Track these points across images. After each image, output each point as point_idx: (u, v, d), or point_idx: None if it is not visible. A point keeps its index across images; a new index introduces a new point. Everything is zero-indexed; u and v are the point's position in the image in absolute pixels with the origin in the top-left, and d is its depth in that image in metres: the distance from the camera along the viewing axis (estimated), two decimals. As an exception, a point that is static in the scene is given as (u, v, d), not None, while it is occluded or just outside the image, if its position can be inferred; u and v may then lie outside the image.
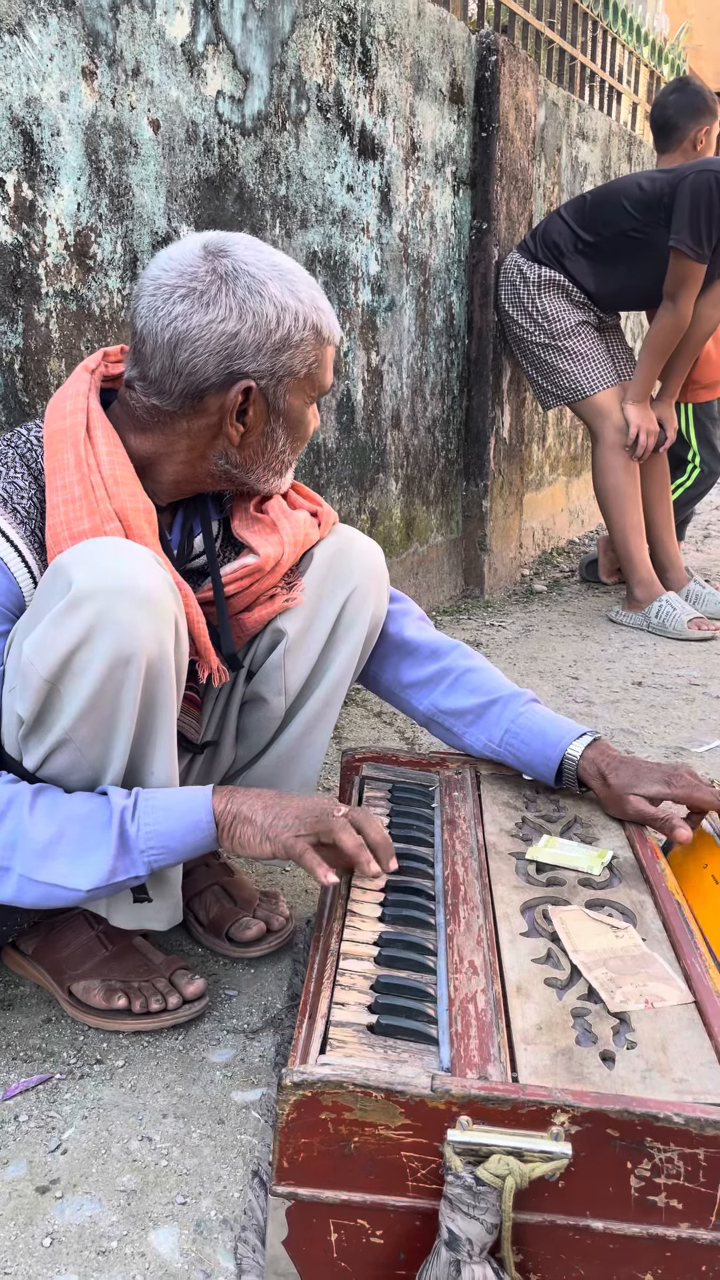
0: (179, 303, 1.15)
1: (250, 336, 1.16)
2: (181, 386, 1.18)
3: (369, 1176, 0.86)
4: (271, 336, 1.17)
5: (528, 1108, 0.84)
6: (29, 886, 1.12)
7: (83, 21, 1.73)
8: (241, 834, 1.15)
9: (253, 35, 2.15)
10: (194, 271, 1.16)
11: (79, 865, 1.11)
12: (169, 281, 1.16)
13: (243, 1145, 1.13)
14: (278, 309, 1.16)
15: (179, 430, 1.21)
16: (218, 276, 1.15)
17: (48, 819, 1.11)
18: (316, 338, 1.20)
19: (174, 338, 1.15)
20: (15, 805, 1.11)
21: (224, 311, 1.15)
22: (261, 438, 1.23)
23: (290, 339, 1.18)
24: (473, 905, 1.17)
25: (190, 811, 1.14)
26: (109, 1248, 1.00)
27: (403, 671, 1.46)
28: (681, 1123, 0.83)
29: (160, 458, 1.23)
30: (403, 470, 3.02)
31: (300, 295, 1.18)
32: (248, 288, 1.15)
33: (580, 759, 1.38)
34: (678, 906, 1.17)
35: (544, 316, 3.16)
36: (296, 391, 1.22)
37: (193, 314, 1.15)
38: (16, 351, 1.67)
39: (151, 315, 1.16)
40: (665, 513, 3.40)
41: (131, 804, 1.13)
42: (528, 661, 2.86)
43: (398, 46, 2.73)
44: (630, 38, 5.19)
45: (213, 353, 1.16)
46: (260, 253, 1.18)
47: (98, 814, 1.12)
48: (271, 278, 1.17)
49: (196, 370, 1.17)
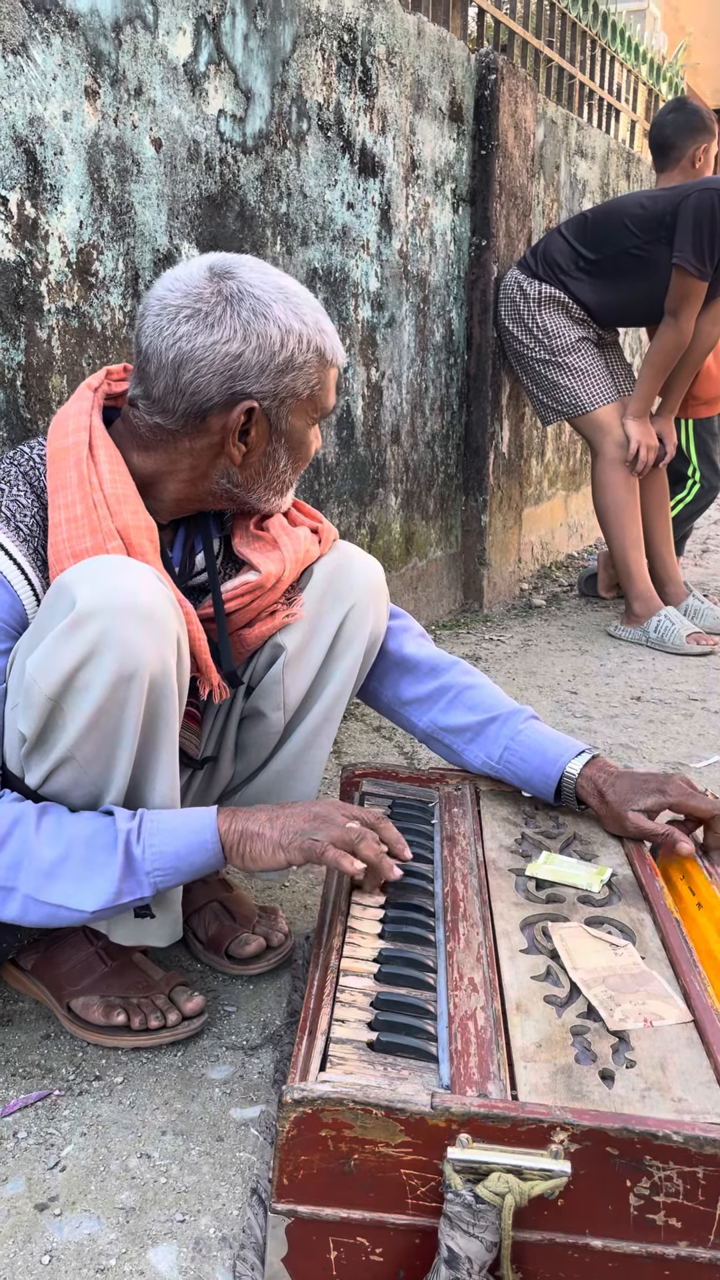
0: (184, 323, 1.16)
1: (254, 358, 1.17)
2: (185, 406, 1.18)
3: (369, 1194, 0.86)
4: (275, 358, 1.17)
5: (527, 1125, 0.84)
6: (34, 907, 1.12)
7: (86, 42, 1.74)
8: (252, 849, 1.16)
9: (254, 55, 2.17)
10: (199, 292, 1.17)
11: (84, 887, 1.11)
12: (174, 302, 1.17)
13: (241, 1163, 1.12)
14: (282, 331, 1.17)
15: (181, 449, 1.22)
16: (223, 298, 1.16)
17: (53, 839, 1.12)
18: (320, 360, 1.21)
19: (178, 357, 1.16)
20: (21, 825, 1.12)
21: (228, 333, 1.16)
22: (263, 458, 1.24)
23: (294, 361, 1.19)
24: (472, 922, 1.17)
25: (196, 832, 1.14)
26: (108, 1265, 1.00)
27: (402, 688, 1.47)
28: (681, 1141, 0.83)
29: (162, 476, 1.24)
30: (402, 485, 3.03)
31: (304, 318, 1.19)
32: (252, 309, 1.16)
33: (579, 777, 1.38)
34: (676, 924, 1.17)
35: (544, 332, 3.17)
36: (299, 412, 1.23)
37: (197, 334, 1.16)
38: (19, 368, 1.68)
39: (156, 335, 1.17)
40: (664, 528, 3.41)
41: (137, 826, 1.13)
42: (526, 676, 2.86)
43: (398, 65, 2.75)
44: (629, 56, 5.23)
45: (216, 373, 1.17)
46: (266, 275, 1.19)
47: (103, 835, 1.12)
48: (276, 300, 1.18)
49: (200, 390, 1.17)
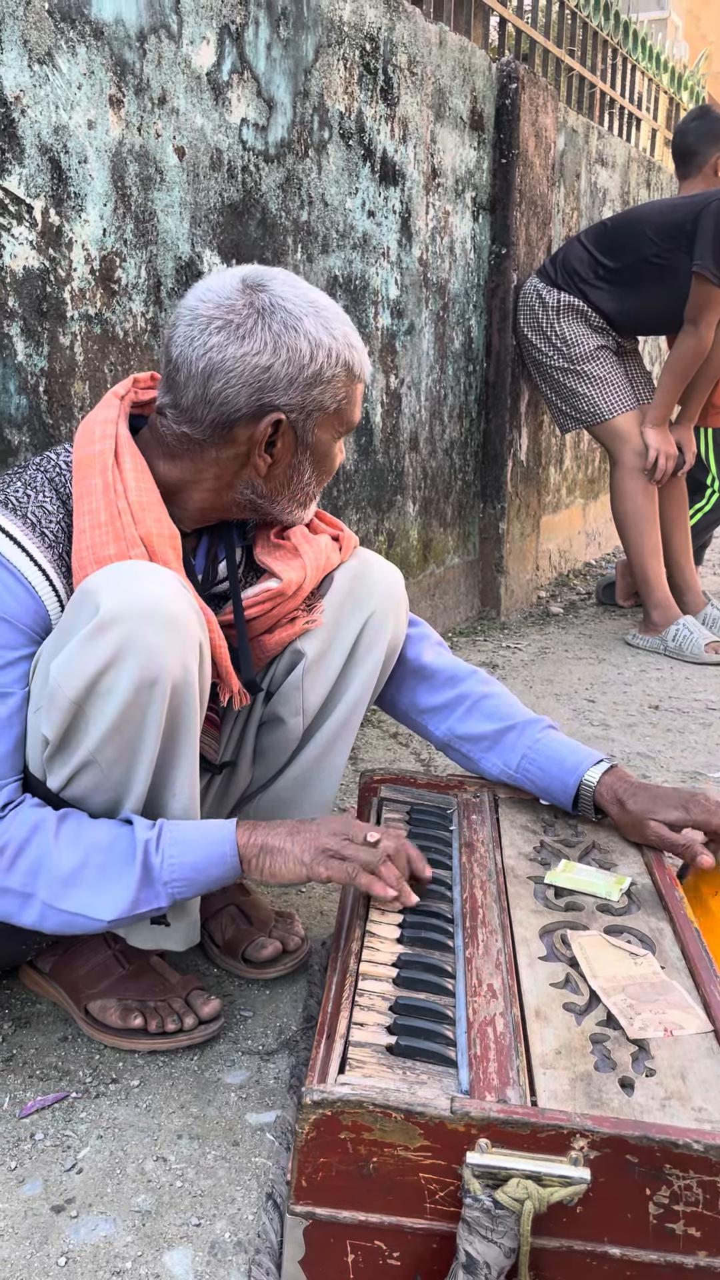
0: (215, 334, 1.16)
1: (283, 370, 1.17)
2: (212, 416, 1.19)
3: (387, 1197, 0.86)
4: (304, 371, 1.18)
5: (547, 1132, 0.84)
6: (52, 914, 1.13)
7: (110, 51, 1.75)
8: (272, 864, 1.16)
9: (277, 64, 2.18)
10: (231, 304, 1.17)
11: (102, 895, 1.12)
12: (206, 312, 1.17)
13: (257, 1167, 1.13)
14: (311, 345, 1.18)
15: (207, 459, 1.22)
16: (254, 310, 1.17)
17: (72, 846, 1.12)
18: (348, 374, 1.22)
19: (208, 368, 1.17)
20: (40, 831, 1.12)
21: (259, 345, 1.16)
22: (288, 469, 1.25)
23: (322, 375, 1.19)
24: (491, 929, 1.17)
25: (215, 845, 1.15)
26: (123, 1268, 1.00)
27: (420, 696, 1.47)
28: (701, 1150, 0.83)
29: (187, 485, 1.24)
30: (420, 492, 3.04)
31: (334, 332, 1.20)
32: (283, 323, 1.17)
33: (598, 785, 1.38)
34: (696, 934, 1.17)
35: (563, 341, 3.17)
36: (325, 426, 1.23)
37: (228, 345, 1.16)
38: (42, 374, 1.69)
39: (187, 345, 1.18)
40: (683, 536, 3.40)
41: (155, 836, 1.14)
42: (544, 684, 2.86)
43: (419, 75, 2.76)
44: (650, 65, 5.23)
45: (245, 384, 1.17)
46: (297, 289, 1.20)
47: (121, 844, 1.13)
48: (307, 314, 1.18)
49: (228, 401, 1.18)
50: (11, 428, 1.64)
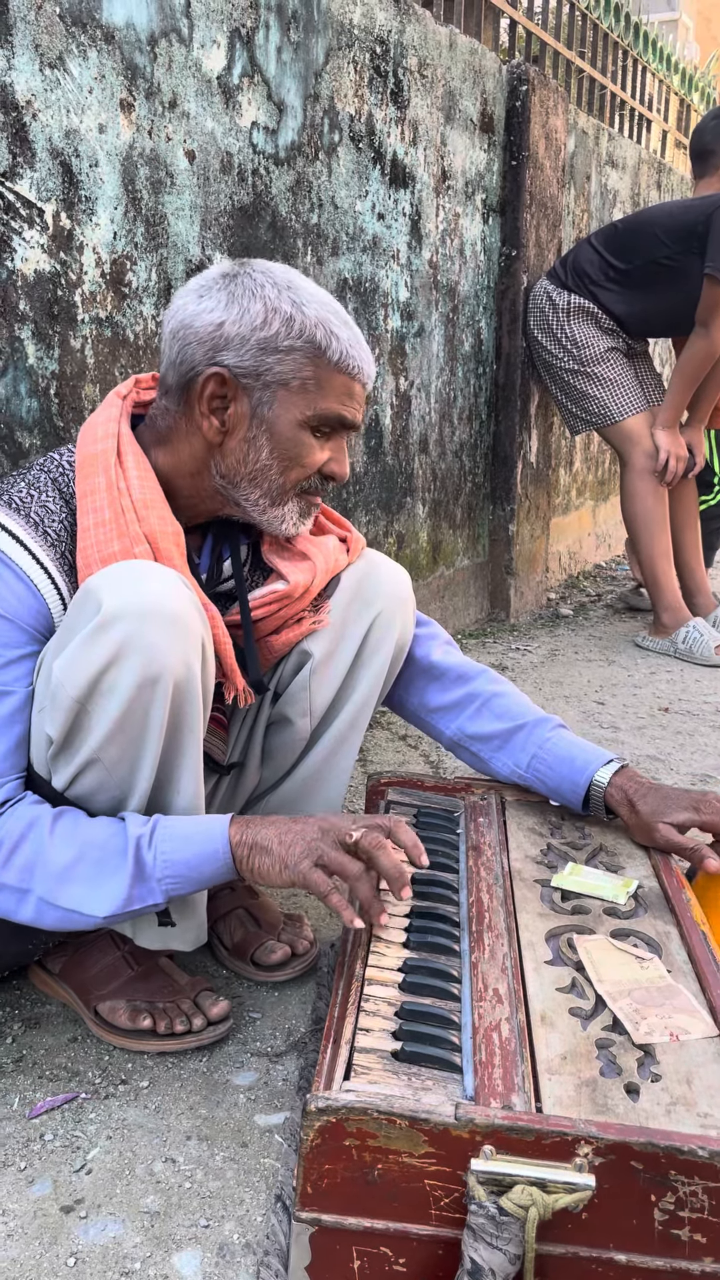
0: (187, 296, 1.22)
1: (234, 330, 1.18)
2: (176, 378, 1.21)
3: (392, 1204, 0.87)
4: (256, 333, 1.18)
5: (552, 1138, 0.84)
6: (48, 910, 1.13)
7: (121, 55, 1.76)
8: (260, 864, 1.14)
9: (287, 67, 2.19)
10: (213, 276, 1.22)
11: (96, 891, 1.12)
12: (191, 285, 1.23)
13: (265, 1169, 1.13)
14: (267, 309, 1.18)
15: (180, 434, 1.24)
16: (224, 277, 1.21)
17: (67, 843, 1.12)
18: (313, 351, 1.19)
19: (175, 328, 1.21)
20: (36, 828, 1.13)
21: (214, 303, 1.19)
22: (243, 442, 1.22)
23: (276, 341, 1.18)
24: (497, 932, 1.17)
25: (207, 840, 1.14)
26: (132, 1269, 1.00)
27: (429, 696, 1.47)
28: (706, 1156, 0.83)
29: (175, 473, 1.25)
30: (430, 494, 3.04)
31: (304, 308, 1.19)
32: (244, 286, 1.19)
33: (608, 785, 1.38)
34: (703, 937, 1.17)
35: (573, 343, 3.17)
36: (287, 404, 1.20)
37: (188, 304, 1.21)
38: (53, 377, 1.69)
39: (169, 315, 1.23)
40: (693, 538, 3.40)
41: (149, 831, 1.13)
42: (553, 686, 2.86)
43: (429, 77, 2.76)
44: (660, 66, 5.22)
45: (201, 342, 1.19)
46: (280, 273, 1.22)
47: (115, 840, 1.13)
48: (277, 286, 1.20)
49: (187, 359, 1.20)
50: (23, 430, 1.65)
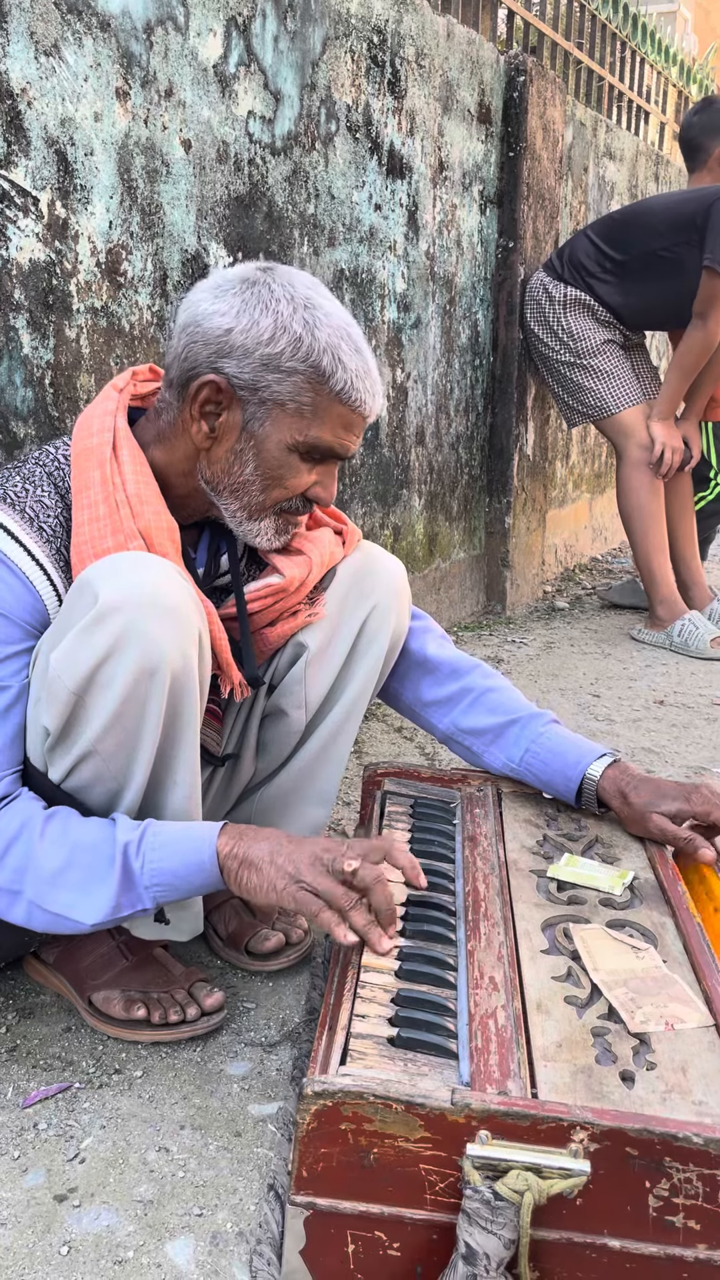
0: (203, 293, 1.20)
1: (240, 340, 1.16)
2: (179, 373, 1.20)
3: (387, 1188, 0.87)
4: (261, 348, 1.16)
5: (547, 1124, 0.84)
6: (38, 913, 1.12)
7: (117, 43, 1.75)
8: (248, 881, 1.11)
9: (284, 56, 2.18)
10: (233, 277, 1.20)
11: (84, 897, 1.11)
12: (210, 282, 1.21)
13: (259, 1158, 1.13)
14: (277, 327, 1.16)
15: (176, 429, 1.23)
16: (244, 281, 1.19)
17: (57, 846, 1.11)
18: (316, 377, 1.17)
19: (185, 322, 1.20)
20: (28, 829, 1.12)
21: (227, 307, 1.17)
22: (229, 454, 1.21)
23: (279, 360, 1.16)
24: (493, 922, 1.17)
25: (194, 851, 1.11)
26: (125, 1258, 1.01)
27: (423, 689, 1.47)
28: (701, 1143, 0.83)
29: (170, 469, 1.24)
30: (426, 486, 3.03)
31: (316, 331, 1.16)
32: (259, 297, 1.17)
33: (600, 779, 1.38)
34: (698, 928, 1.17)
35: (569, 335, 3.17)
36: (281, 425, 1.18)
37: (204, 302, 1.19)
38: (48, 367, 1.69)
39: (183, 305, 1.21)
40: (689, 531, 3.40)
41: (137, 838, 1.11)
42: (549, 679, 2.86)
43: (427, 67, 2.75)
44: (658, 58, 5.21)
45: (207, 344, 1.17)
46: (301, 287, 1.18)
47: (104, 846, 1.11)
48: (293, 304, 1.17)
49: (190, 358, 1.19)
50: (17, 420, 1.64)
